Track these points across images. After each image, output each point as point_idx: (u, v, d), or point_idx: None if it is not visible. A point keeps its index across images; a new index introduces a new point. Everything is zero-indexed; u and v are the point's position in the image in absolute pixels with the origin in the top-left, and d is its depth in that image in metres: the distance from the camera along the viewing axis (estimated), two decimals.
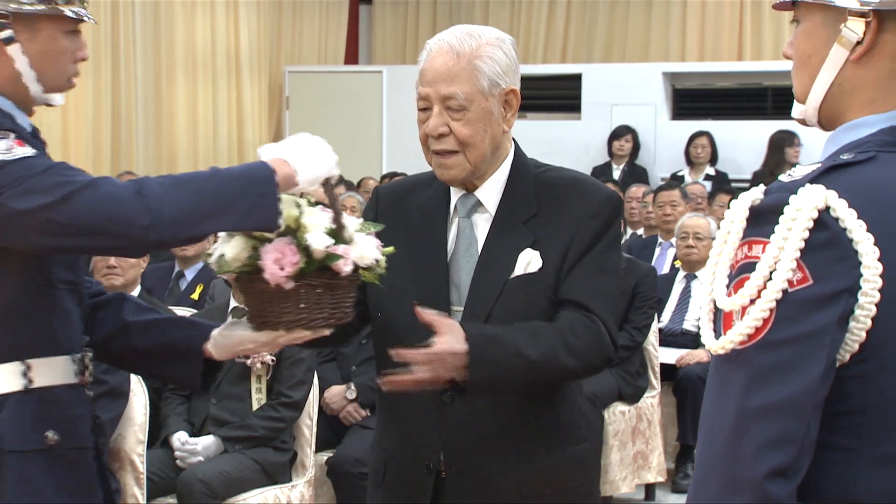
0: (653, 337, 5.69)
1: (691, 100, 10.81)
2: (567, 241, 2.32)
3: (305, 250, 2.08)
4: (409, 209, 2.42)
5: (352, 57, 13.12)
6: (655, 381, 5.74)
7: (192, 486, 3.99)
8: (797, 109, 1.66)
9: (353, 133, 11.20)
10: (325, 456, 4.66)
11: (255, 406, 4.26)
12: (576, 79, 10.96)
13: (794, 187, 1.47)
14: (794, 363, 1.43)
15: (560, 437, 2.38)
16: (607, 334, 2.29)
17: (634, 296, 5.55)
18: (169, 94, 10.50)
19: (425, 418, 2.35)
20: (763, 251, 1.46)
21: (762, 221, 1.47)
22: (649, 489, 5.79)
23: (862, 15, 1.55)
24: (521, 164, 2.41)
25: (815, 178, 1.48)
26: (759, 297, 1.45)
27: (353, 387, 4.79)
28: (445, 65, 2.28)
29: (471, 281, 2.34)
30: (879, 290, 1.43)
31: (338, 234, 2.11)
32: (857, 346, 1.45)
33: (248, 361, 4.23)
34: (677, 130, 10.40)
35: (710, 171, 9.84)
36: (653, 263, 6.69)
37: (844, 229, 1.44)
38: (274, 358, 4.23)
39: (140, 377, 3.73)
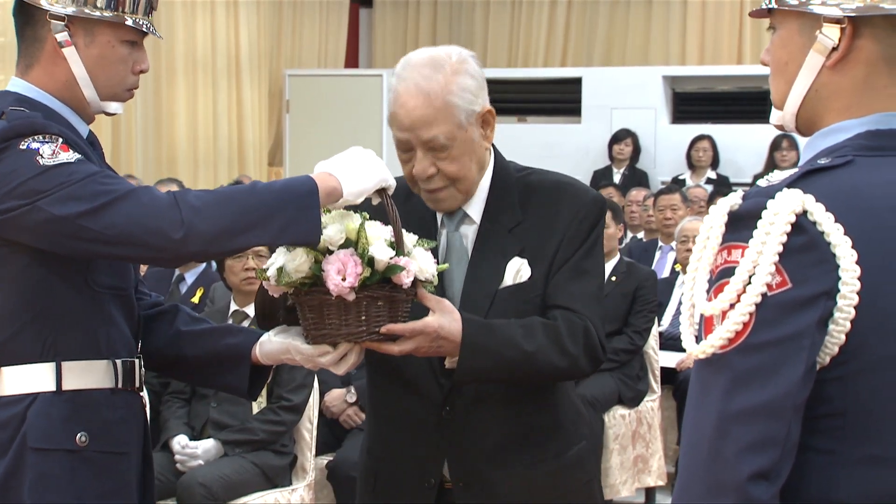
0: (653, 341, 5.68)
1: (691, 103, 10.82)
2: (554, 248, 2.32)
3: (368, 261, 2.08)
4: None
5: (352, 60, 13.13)
6: (656, 385, 5.73)
7: (193, 489, 3.99)
8: (775, 115, 1.68)
9: (352, 136, 11.17)
10: (325, 459, 4.65)
11: (256, 409, 4.25)
12: (576, 82, 10.97)
13: (771, 192, 1.48)
14: (774, 366, 1.44)
15: (562, 438, 2.39)
16: (596, 337, 2.30)
17: (635, 299, 5.55)
18: (169, 97, 10.50)
19: (423, 432, 2.35)
20: (742, 256, 1.47)
21: (741, 226, 1.49)
22: (649, 493, 5.78)
23: (837, 21, 1.56)
24: (502, 169, 2.39)
25: (792, 183, 1.50)
26: (738, 301, 1.46)
27: (353, 390, 4.78)
28: (418, 109, 2.22)
29: (461, 292, 2.34)
30: (858, 293, 1.44)
31: (398, 246, 2.12)
32: (836, 349, 1.46)
33: None
34: (677, 134, 10.41)
35: (712, 174, 9.86)
36: (653, 267, 6.68)
37: (822, 233, 1.45)
38: None
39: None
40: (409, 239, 2.17)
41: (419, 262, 2.14)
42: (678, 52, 11.79)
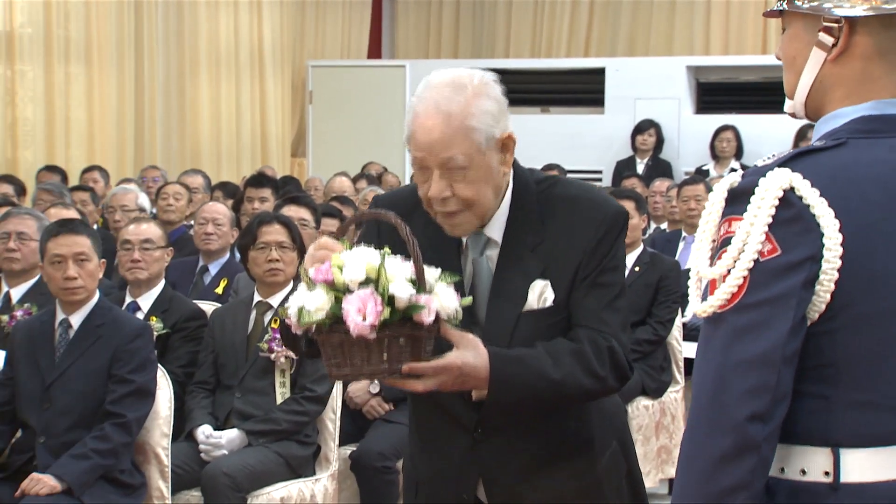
0: (676, 331, 5.67)
1: (715, 93, 10.77)
2: (574, 267, 2.30)
3: (389, 300, 2.06)
4: (414, 229, 2.26)
5: (375, 51, 13.13)
6: (679, 376, 5.72)
7: (217, 479, 4.01)
8: (788, 104, 1.90)
9: (375, 127, 11.22)
10: (348, 450, 4.66)
11: (279, 400, 4.27)
12: (599, 73, 10.94)
13: (764, 171, 1.71)
14: (765, 322, 1.66)
15: (593, 449, 2.42)
16: (622, 354, 2.31)
17: (658, 290, 5.54)
18: (192, 89, 10.53)
19: (458, 454, 2.38)
20: (738, 227, 1.69)
21: (738, 202, 1.71)
22: (673, 484, 5.76)
23: (835, 21, 1.78)
24: (522, 185, 2.34)
25: (783, 163, 1.72)
26: (734, 266, 1.68)
27: (376, 381, 4.79)
28: (437, 128, 2.18)
29: (485, 315, 2.32)
30: (840, 258, 1.66)
31: (419, 283, 2.09)
32: (823, 307, 1.68)
33: (272, 356, 4.24)
34: (701, 124, 10.36)
35: (736, 165, 9.81)
36: (676, 258, 6.66)
37: (808, 206, 1.67)
38: None
39: (164, 371, 3.76)
40: (432, 274, 2.14)
41: (441, 299, 2.11)
42: (702, 42, 11.74)
